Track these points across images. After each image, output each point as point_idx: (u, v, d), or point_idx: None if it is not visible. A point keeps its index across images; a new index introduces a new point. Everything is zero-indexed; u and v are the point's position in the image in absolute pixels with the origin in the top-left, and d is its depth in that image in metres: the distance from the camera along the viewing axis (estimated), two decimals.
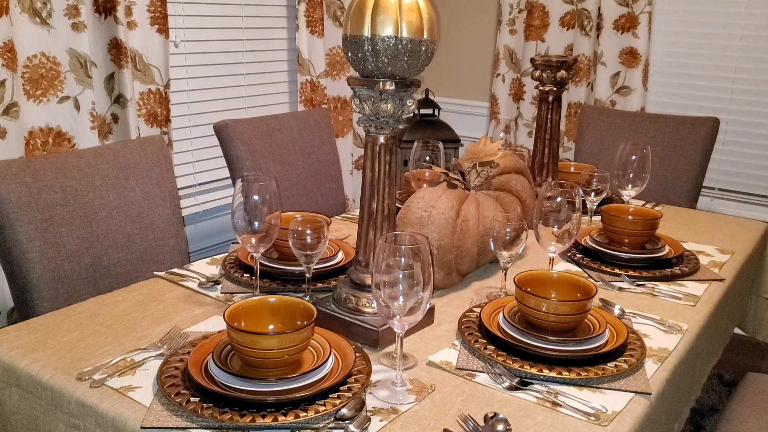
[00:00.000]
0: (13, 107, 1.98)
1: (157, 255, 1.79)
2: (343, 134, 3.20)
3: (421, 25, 1.17)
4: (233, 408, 1.01)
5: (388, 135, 1.25)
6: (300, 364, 1.10)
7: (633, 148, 1.93)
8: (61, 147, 2.15)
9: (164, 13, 2.37)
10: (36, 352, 1.18)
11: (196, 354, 1.11)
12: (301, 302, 1.14)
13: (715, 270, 1.67)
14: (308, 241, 1.34)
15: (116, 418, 1.02)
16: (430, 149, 1.94)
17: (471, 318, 1.33)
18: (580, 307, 1.21)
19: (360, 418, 1.01)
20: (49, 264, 1.56)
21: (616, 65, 3.09)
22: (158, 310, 1.36)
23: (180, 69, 2.63)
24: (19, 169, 1.55)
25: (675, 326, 1.36)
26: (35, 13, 2.03)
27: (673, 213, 2.16)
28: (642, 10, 2.96)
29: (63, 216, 1.60)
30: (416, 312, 1.07)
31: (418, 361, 1.20)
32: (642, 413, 1.08)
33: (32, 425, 1.15)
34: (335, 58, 3.12)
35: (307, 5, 2.88)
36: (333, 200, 2.44)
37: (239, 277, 1.50)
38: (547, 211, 1.43)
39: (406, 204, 1.48)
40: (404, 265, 1.05)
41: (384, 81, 1.19)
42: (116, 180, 1.73)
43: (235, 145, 2.12)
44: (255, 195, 1.35)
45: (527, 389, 1.11)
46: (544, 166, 2.11)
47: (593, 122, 2.80)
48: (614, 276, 1.60)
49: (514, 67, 3.37)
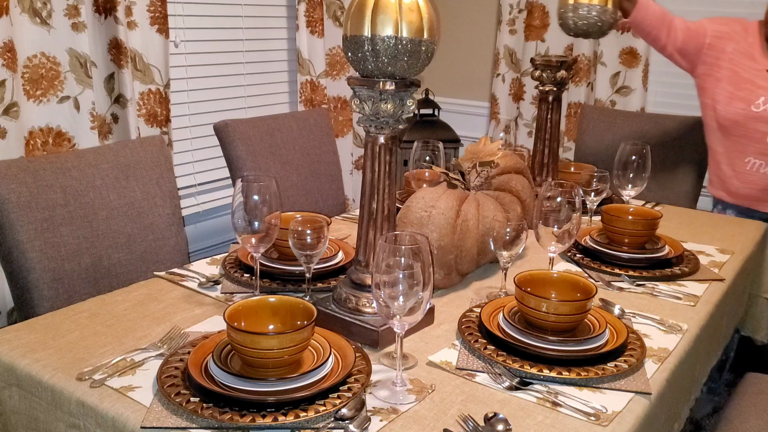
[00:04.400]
0: (13, 107, 1.98)
1: (157, 255, 1.79)
2: (343, 134, 3.20)
3: (421, 25, 1.17)
4: (233, 408, 1.01)
5: (388, 135, 1.25)
6: (300, 364, 1.10)
7: (633, 148, 1.93)
8: (61, 147, 2.15)
9: (164, 13, 2.37)
10: (36, 352, 1.18)
11: (196, 354, 1.11)
12: (301, 302, 1.14)
13: (715, 270, 1.67)
14: (308, 241, 1.34)
15: (116, 418, 1.02)
16: (430, 149, 1.94)
17: (471, 318, 1.33)
18: (580, 307, 1.21)
19: (360, 418, 1.01)
20: (49, 264, 1.56)
21: (616, 65, 3.09)
22: (158, 310, 1.36)
23: (180, 69, 2.63)
24: (19, 169, 1.55)
25: (675, 326, 1.36)
26: (35, 13, 2.03)
27: (673, 213, 2.16)
28: None
29: (63, 216, 1.60)
30: (416, 312, 1.07)
31: (418, 361, 1.20)
32: (642, 413, 1.08)
33: (32, 425, 1.15)
34: (335, 58, 3.12)
35: (307, 5, 2.88)
36: (333, 200, 2.44)
37: (239, 277, 1.50)
38: (547, 211, 1.43)
39: (406, 204, 1.48)
40: (404, 265, 1.05)
41: (384, 81, 1.19)
42: (116, 180, 1.73)
43: (235, 145, 2.12)
44: (255, 195, 1.35)
45: (527, 389, 1.11)
46: (544, 166, 2.11)
47: (593, 122, 2.80)
48: (614, 276, 1.60)
49: (514, 67, 3.38)
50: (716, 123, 2.24)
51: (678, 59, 2.28)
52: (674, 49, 2.23)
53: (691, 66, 2.28)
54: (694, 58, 2.24)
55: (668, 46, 2.23)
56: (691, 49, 2.22)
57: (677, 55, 2.26)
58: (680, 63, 2.30)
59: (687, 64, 2.29)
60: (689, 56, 2.24)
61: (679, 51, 2.24)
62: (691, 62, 2.26)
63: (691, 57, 2.24)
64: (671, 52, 2.25)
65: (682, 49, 2.23)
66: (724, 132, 2.23)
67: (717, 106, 2.21)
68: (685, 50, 2.23)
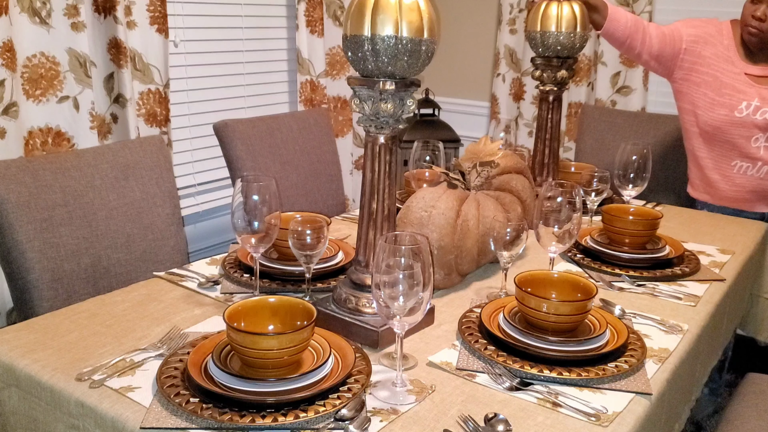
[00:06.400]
0: (12, 107, 1.98)
1: (156, 255, 1.79)
2: (343, 134, 3.19)
3: (421, 24, 1.17)
4: (233, 408, 1.00)
5: (388, 135, 1.24)
6: (300, 365, 1.10)
7: (634, 148, 1.93)
8: (60, 147, 2.14)
9: (164, 13, 2.37)
10: (35, 352, 1.18)
11: (195, 354, 1.11)
12: (300, 302, 1.14)
13: (716, 270, 1.67)
14: (308, 241, 1.34)
15: (116, 419, 1.02)
16: (430, 149, 1.94)
17: (471, 318, 1.32)
18: (580, 307, 1.21)
19: (360, 418, 1.01)
20: (48, 264, 1.55)
21: (616, 65, 3.09)
22: (158, 311, 1.36)
23: (179, 69, 2.63)
24: (18, 169, 1.55)
25: (676, 326, 1.36)
26: (35, 12, 2.03)
27: (674, 213, 2.15)
28: (642, 10, 2.95)
29: (62, 216, 1.60)
30: (416, 312, 1.06)
31: (418, 361, 1.20)
32: (642, 413, 1.08)
33: (32, 425, 1.15)
34: (335, 57, 3.11)
35: (307, 5, 2.88)
36: (333, 200, 2.44)
37: (239, 277, 1.50)
38: (548, 211, 1.43)
39: (406, 204, 1.47)
40: (404, 265, 1.05)
41: (384, 81, 1.19)
42: (116, 180, 1.73)
43: (235, 145, 2.12)
44: (255, 195, 1.35)
45: (527, 390, 1.11)
46: (544, 166, 2.11)
47: (594, 122, 2.79)
48: (615, 276, 1.60)
49: (515, 66, 3.37)
50: (698, 128, 2.24)
51: (654, 66, 2.27)
52: (650, 56, 2.22)
53: (668, 71, 2.27)
54: (671, 63, 2.23)
55: (643, 53, 2.22)
56: (668, 55, 2.21)
57: (653, 62, 2.25)
58: (656, 69, 2.29)
59: (663, 70, 2.28)
60: (666, 62, 2.23)
61: (656, 58, 2.22)
62: (668, 68, 2.25)
63: (667, 63, 2.23)
64: (647, 59, 2.24)
65: (659, 55, 2.21)
66: (706, 137, 2.23)
67: (698, 112, 2.21)
68: (661, 56, 2.22)
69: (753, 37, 2.13)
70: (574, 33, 1.94)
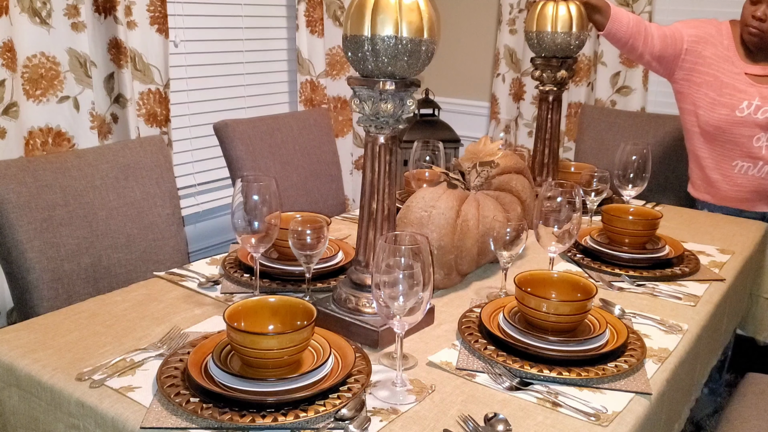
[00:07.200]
0: (12, 107, 1.98)
1: (156, 255, 1.79)
2: (343, 134, 3.19)
3: (421, 24, 1.17)
4: (233, 408, 1.00)
5: (388, 135, 1.25)
6: (300, 365, 1.10)
7: (633, 148, 1.93)
8: (60, 147, 2.15)
9: (164, 13, 2.37)
10: (36, 352, 1.18)
11: (195, 354, 1.11)
12: (301, 302, 1.14)
13: (716, 270, 1.67)
14: (308, 241, 1.34)
15: (116, 419, 1.02)
16: (430, 149, 1.94)
17: (471, 318, 1.32)
18: (580, 307, 1.21)
19: (360, 418, 1.01)
20: (48, 264, 1.55)
21: (616, 65, 3.09)
22: (158, 311, 1.36)
23: (180, 69, 2.63)
24: (18, 169, 1.55)
25: (675, 326, 1.36)
26: (35, 12, 2.03)
27: (673, 213, 2.15)
28: (642, 10, 2.96)
29: (63, 216, 1.60)
30: (416, 312, 1.07)
31: (418, 361, 1.20)
32: (642, 413, 1.08)
33: (32, 425, 1.15)
34: (335, 57, 3.11)
35: (307, 5, 2.88)
36: (333, 200, 2.44)
37: (239, 277, 1.50)
38: (548, 211, 1.43)
39: (406, 204, 1.48)
40: (404, 265, 1.05)
41: (384, 81, 1.19)
42: (116, 180, 1.73)
43: (235, 145, 2.12)
44: (255, 195, 1.35)
45: (527, 389, 1.11)
46: (544, 166, 2.11)
47: (593, 122, 2.80)
48: (614, 276, 1.60)
49: (514, 66, 3.37)
50: (698, 128, 2.24)
51: (655, 66, 2.27)
52: (652, 56, 2.22)
53: (669, 72, 2.27)
54: (672, 64, 2.23)
55: (645, 54, 2.22)
56: (669, 56, 2.21)
57: (655, 63, 2.25)
58: (657, 69, 2.29)
59: (664, 71, 2.28)
60: (667, 62, 2.24)
61: (657, 58, 2.23)
62: (669, 68, 2.26)
63: (669, 63, 2.24)
64: (648, 60, 2.24)
65: (661, 56, 2.22)
66: (707, 137, 2.23)
67: (699, 112, 2.21)
68: (663, 57, 2.22)
69: (753, 37, 2.13)
70: (570, 33, 1.94)
